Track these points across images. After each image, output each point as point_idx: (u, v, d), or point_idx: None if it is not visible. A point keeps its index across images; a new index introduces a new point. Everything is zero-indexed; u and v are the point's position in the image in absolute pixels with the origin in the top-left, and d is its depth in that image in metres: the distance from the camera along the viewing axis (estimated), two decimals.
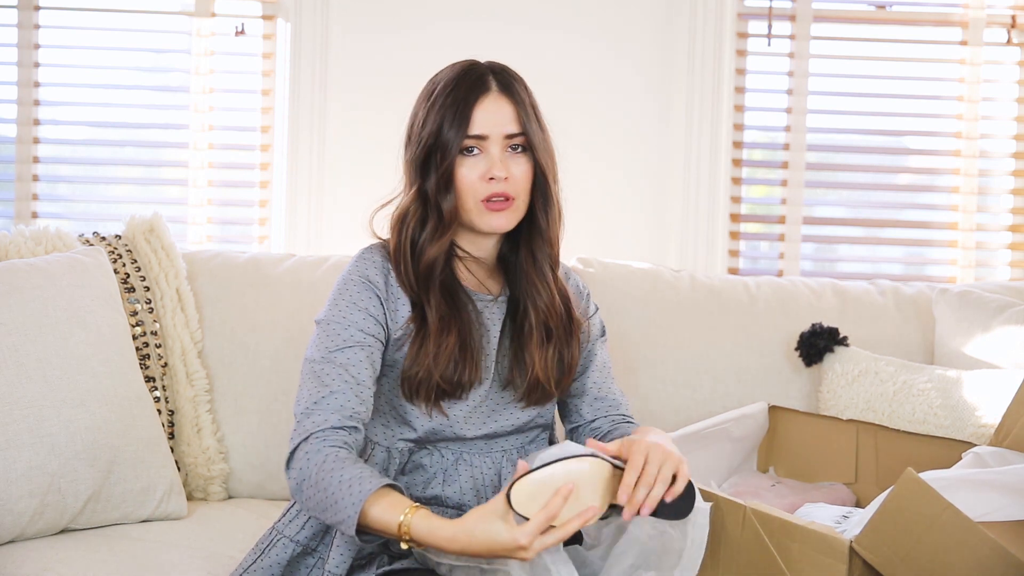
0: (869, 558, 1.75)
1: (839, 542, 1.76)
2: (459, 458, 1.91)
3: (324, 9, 3.27)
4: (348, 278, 1.89)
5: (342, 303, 1.86)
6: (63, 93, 3.40)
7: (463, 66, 1.91)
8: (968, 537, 1.69)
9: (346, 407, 1.79)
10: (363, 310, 1.86)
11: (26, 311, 2.12)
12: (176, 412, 2.37)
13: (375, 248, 1.93)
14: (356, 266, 1.90)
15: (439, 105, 1.87)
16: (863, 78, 3.47)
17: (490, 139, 1.86)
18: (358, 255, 1.92)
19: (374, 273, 1.89)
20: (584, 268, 2.62)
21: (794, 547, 1.81)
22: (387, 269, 1.90)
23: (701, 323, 2.56)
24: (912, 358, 2.52)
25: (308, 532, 1.88)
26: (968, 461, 2.02)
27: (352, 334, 1.84)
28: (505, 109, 1.87)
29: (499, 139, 1.86)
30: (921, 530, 1.71)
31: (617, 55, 3.32)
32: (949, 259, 3.46)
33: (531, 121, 1.88)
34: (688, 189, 3.33)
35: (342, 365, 1.81)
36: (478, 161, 1.86)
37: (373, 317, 1.86)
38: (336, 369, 1.81)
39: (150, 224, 2.46)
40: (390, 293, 1.89)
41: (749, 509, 1.87)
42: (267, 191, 3.38)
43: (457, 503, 1.90)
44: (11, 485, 2.01)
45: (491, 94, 1.87)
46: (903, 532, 1.72)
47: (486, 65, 1.91)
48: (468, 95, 1.86)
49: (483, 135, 1.86)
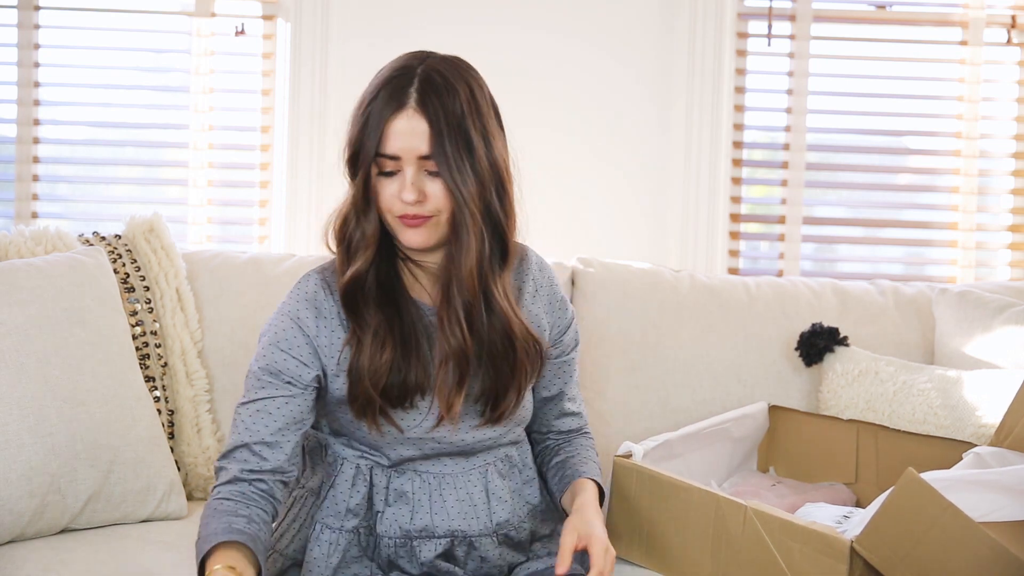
0: (870, 558, 1.75)
1: (840, 542, 1.76)
2: (441, 481, 1.88)
3: (324, 9, 3.27)
4: (275, 317, 1.84)
5: (267, 345, 1.83)
6: (63, 93, 3.39)
7: (394, 69, 1.78)
8: (969, 537, 1.69)
9: (249, 461, 1.79)
10: (285, 352, 1.81)
11: (26, 311, 2.12)
12: (176, 412, 2.37)
13: (311, 276, 1.86)
14: (285, 303, 1.85)
15: (363, 110, 1.77)
16: (863, 78, 3.47)
17: (403, 160, 1.74)
18: (292, 289, 1.86)
19: (303, 308, 1.82)
20: (584, 268, 2.62)
21: (795, 547, 1.81)
22: (319, 298, 1.83)
23: (701, 323, 2.56)
24: (912, 358, 2.52)
25: (296, 545, 1.91)
26: (968, 461, 2.02)
27: (271, 382, 1.82)
28: (420, 128, 1.73)
29: (412, 160, 1.74)
30: (922, 530, 1.71)
31: (617, 57, 3.32)
32: (949, 259, 3.46)
33: (446, 141, 1.72)
34: (688, 189, 3.33)
35: (260, 412, 1.81)
36: (393, 180, 1.76)
37: (297, 359, 1.81)
38: (251, 418, 1.81)
39: (150, 224, 2.46)
40: (321, 327, 1.82)
41: (750, 509, 1.87)
42: (267, 191, 3.37)
43: (447, 531, 1.87)
44: (11, 485, 2.01)
45: (406, 111, 1.73)
46: (904, 532, 1.73)
47: (419, 68, 1.77)
48: (384, 109, 1.74)
49: (395, 155, 1.74)
